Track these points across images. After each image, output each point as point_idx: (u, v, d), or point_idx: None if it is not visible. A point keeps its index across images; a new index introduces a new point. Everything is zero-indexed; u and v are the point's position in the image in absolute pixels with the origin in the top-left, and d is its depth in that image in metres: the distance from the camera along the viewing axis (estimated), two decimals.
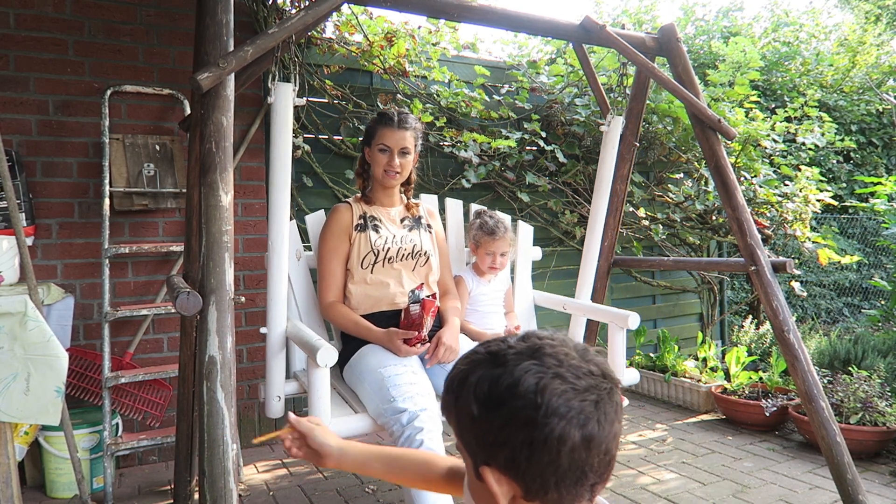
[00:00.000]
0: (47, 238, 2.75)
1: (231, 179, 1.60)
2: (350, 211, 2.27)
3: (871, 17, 10.95)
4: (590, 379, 0.74)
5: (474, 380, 0.77)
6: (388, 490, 2.62)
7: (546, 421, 0.71)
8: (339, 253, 2.23)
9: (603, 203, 2.81)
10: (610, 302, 4.14)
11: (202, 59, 1.69)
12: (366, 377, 2.03)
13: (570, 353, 0.76)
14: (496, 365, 0.76)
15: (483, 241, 2.51)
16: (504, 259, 2.53)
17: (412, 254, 2.28)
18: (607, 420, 0.74)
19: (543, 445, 0.72)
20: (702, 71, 5.00)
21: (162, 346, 2.98)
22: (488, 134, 3.69)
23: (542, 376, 0.73)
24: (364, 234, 2.23)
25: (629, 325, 2.35)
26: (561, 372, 0.74)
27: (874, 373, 3.11)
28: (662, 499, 2.51)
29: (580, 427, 0.72)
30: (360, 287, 2.22)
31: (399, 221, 2.34)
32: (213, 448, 1.41)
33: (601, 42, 2.37)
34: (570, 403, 0.72)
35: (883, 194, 4.28)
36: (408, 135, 2.23)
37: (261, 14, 3.05)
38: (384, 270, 2.22)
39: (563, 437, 0.71)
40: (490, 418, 0.75)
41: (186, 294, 1.48)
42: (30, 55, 2.71)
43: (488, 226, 2.50)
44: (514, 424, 0.73)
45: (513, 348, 0.77)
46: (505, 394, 0.74)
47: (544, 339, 0.78)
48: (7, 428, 1.90)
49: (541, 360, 0.75)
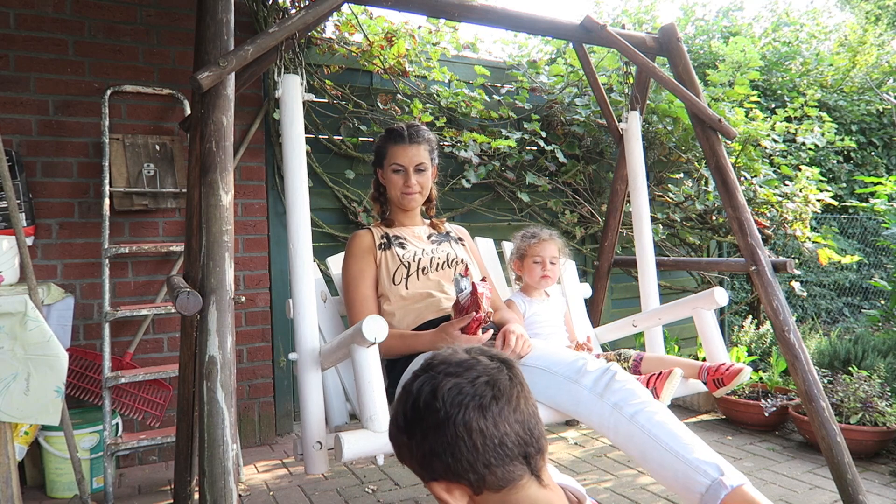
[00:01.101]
0: (47, 238, 2.75)
1: (231, 179, 1.59)
2: (370, 234, 2.07)
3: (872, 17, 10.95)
4: (479, 366, 0.84)
5: (394, 414, 0.88)
6: (388, 490, 2.62)
7: (448, 416, 0.80)
8: (367, 276, 1.99)
9: (644, 202, 2.69)
10: (610, 302, 4.14)
11: (202, 59, 1.69)
12: None
13: (459, 354, 0.86)
14: (403, 394, 0.87)
15: (528, 249, 2.31)
16: (554, 267, 2.30)
17: (447, 262, 2.04)
18: (503, 393, 0.82)
19: (456, 440, 0.80)
20: (702, 71, 5.00)
21: (162, 346, 2.98)
22: (488, 134, 3.69)
23: (434, 382, 0.83)
24: (389, 251, 2.02)
25: (717, 301, 2.17)
26: (450, 370, 0.83)
27: (874, 373, 3.11)
28: (662, 499, 2.51)
29: (478, 408, 0.80)
30: (398, 304, 1.96)
31: (426, 238, 2.12)
32: (213, 448, 1.40)
33: (602, 42, 2.37)
34: (463, 390, 0.81)
35: (883, 194, 4.28)
36: (422, 149, 2.04)
37: (261, 14, 3.05)
38: (420, 282, 1.98)
39: (468, 423, 0.80)
40: (414, 439, 0.84)
41: (186, 294, 1.48)
42: (30, 55, 2.71)
43: (530, 232, 2.34)
44: (429, 434, 0.82)
45: (416, 376, 0.87)
46: (414, 413, 0.84)
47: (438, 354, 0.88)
48: (7, 428, 1.90)
49: (431, 370, 0.85)
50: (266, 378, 3.21)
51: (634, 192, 2.73)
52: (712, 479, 1.41)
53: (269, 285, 3.21)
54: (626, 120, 2.74)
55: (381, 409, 1.54)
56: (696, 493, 1.43)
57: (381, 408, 1.54)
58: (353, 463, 2.93)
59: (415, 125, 2.09)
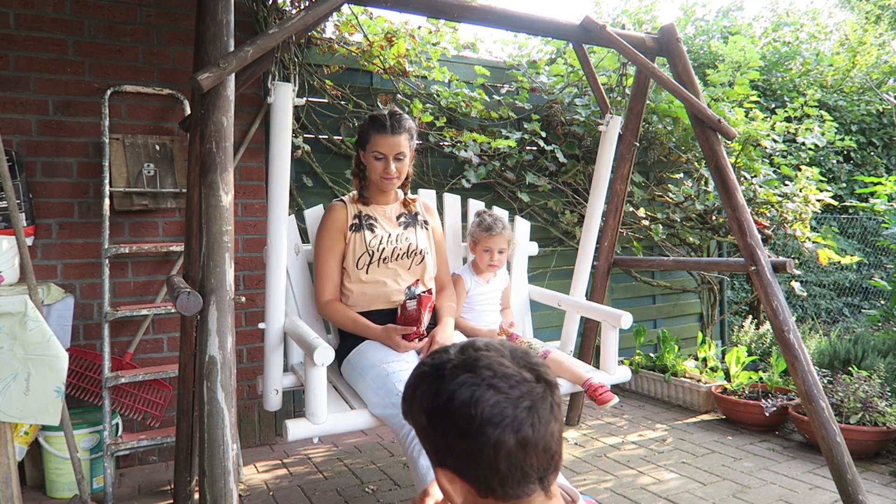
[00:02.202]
0: (47, 238, 2.75)
1: (231, 179, 1.60)
2: (345, 210, 2.27)
3: (872, 17, 10.95)
4: (523, 386, 0.79)
5: (420, 393, 0.84)
6: (388, 490, 2.62)
7: (481, 431, 0.77)
8: (335, 252, 2.24)
9: (599, 202, 2.81)
10: (609, 302, 4.14)
11: (202, 59, 1.69)
12: (367, 373, 2.03)
13: (504, 363, 0.81)
14: (436, 378, 0.82)
15: (480, 238, 2.51)
16: (502, 257, 2.53)
17: (407, 253, 2.27)
18: (542, 422, 0.79)
19: (481, 453, 0.77)
20: (702, 71, 5.00)
21: (162, 346, 2.98)
22: (488, 134, 3.69)
23: (475, 388, 0.78)
24: (359, 234, 2.23)
25: (622, 324, 2.36)
26: (494, 382, 0.78)
27: (874, 373, 3.11)
28: (662, 499, 2.51)
29: (514, 432, 0.77)
30: (357, 286, 2.23)
31: (395, 219, 2.33)
32: (213, 448, 1.40)
33: (601, 42, 2.37)
34: (504, 412, 0.77)
35: (883, 194, 4.28)
36: (402, 139, 2.18)
37: (261, 14, 3.05)
38: (379, 270, 2.23)
39: (498, 444, 0.77)
40: (434, 428, 0.81)
41: (187, 294, 1.48)
42: (30, 55, 2.71)
43: (486, 223, 2.51)
44: (454, 435, 0.79)
45: (451, 361, 0.83)
46: (443, 407, 0.80)
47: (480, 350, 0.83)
48: (7, 428, 1.90)
49: (475, 372, 0.80)
50: None
51: (595, 191, 2.82)
52: None
53: None
54: (606, 123, 2.76)
55: (321, 408, 1.87)
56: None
57: (321, 407, 1.87)
58: (352, 463, 2.93)
59: (397, 114, 2.21)
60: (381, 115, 2.20)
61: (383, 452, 3.08)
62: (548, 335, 3.17)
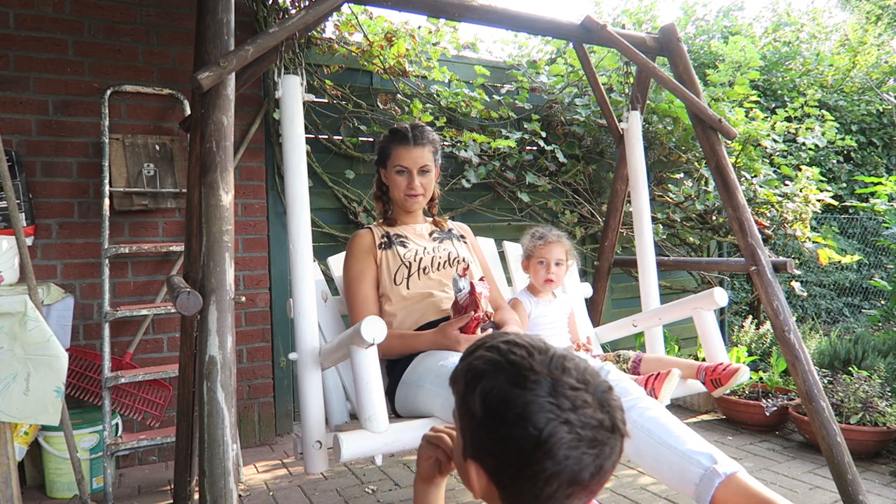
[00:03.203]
0: (47, 238, 2.75)
1: (231, 179, 1.59)
2: (371, 233, 2.07)
3: (872, 17, 10.95)
4: (599, 432, 0.75)
5: (488, 387, 0.77)
6: (388, 490, 2.62)
7: (541, 460, 0.72)
8: (367, 276, 1.99)
9: (644, 202, 2.68)
10: (610, 302, 4.14)
11: (203, 59, 1.69)
12: (425, 379, 1.74)
13: (588, 400, 0.75)
14: (514, 384, 0.75)
15: (535, 250, 2.31)
16: (559, 270, 2.30)
17: (449, 261, 2.03)
18: (601, 471, 0.75)
19: (530, 478, 0.73)
20: (702, 71, 5.00)
21: (162, 346, 2.98)
22: (488, 134, 3.69)
23: (552, 418, 0.73)
24: (390, 251, 2.01)
25: (718, 301, 2.16)
26: (571, 419, 0.73)
27: (874, 373, 3.11)
28: (662, 499, 2.51)
29: (571, 474, 0.73)
30: (400, 305, 1.96)
31: (427, 235, 2.12)
32: (213, 448, 1.40)
33: (602, 42, 2.37)
34: (570, 453, 0.73)
35: (883, 194, 4.28)
36: (426, 151, 2.02)
37: (261, 14, 3.05)
38: (421, 282, 1.98)
39: (551, 478, 0.73)
40: (490, 428, 0.76)
41: (186, 294, 1.48)
42: (30, 55, 2.71)
43: (538, 233, 2.34)
44: (511, 448, 0.74)
45: (535, 372, 0.75)
46: (513, 417, 0.74)
47: (569, 371, 0.77)
48: (7, 428, 1.90)
49: (557, 399, 0.74)
50: (266, 378, 3.21)
51: (635, 192, 2.72)
52: (706, 468, 1.41)
53: (269, 285, 3.21)
54: (626, 120, 2.73)
55: (380, 410, 1.55)
56: (691, 484, 1.42)
57: (379, 408, 1.54)
58: (352, 463, 2.93)
59: (419, 126, 2.06)
60: (402, 127, 2.04)
61: None
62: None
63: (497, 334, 0.84)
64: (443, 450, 0.96)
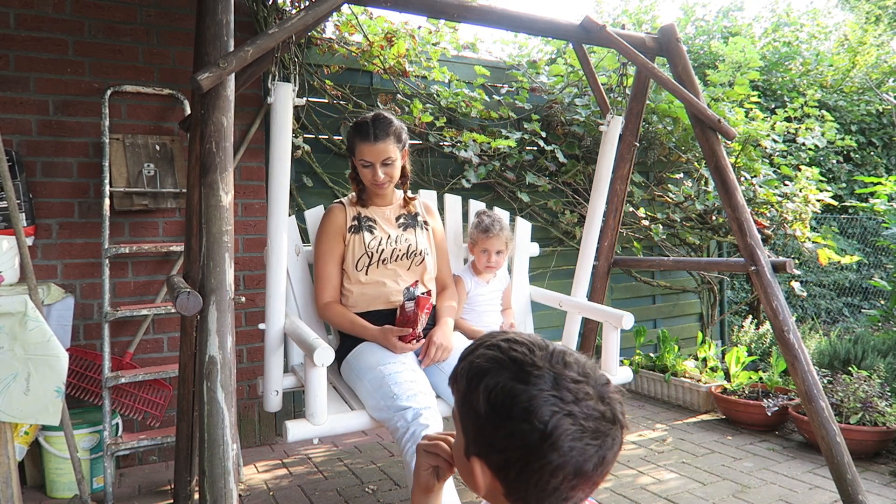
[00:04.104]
0: (47, 238, 2.75)
1: (231, 179, 1.60)
2: (344, 212, 2.27)
3: (872, 17, 10.95)
4: (601, 423, 0.77)
5: (491, 383, 0.78)
6: (388, 490, 2.62)
7: (547, 453, 0.74)
8: (335, 255, 2.24)
9: (601, 202, 2.81)
10: (610, 302, 4.14)
11: (202, 59, 1.69)
12: (364, 374, 2.03)
13: (590, 393, 0.77)
14: (517, 380, 0.77)
15: (479, 239, 2.50)
16: (500, 258, 2.52)
17: (407, 254, 2.27)
18: (604, 462, 0.77)
19: (536, 471, 0.75)
20: (702, 71, 5.00)
21: (162, 346, 2.98)
22: (488, 134, 3.69)
23: (556, 411, 0.75)
24: (358, 236, 2.23)
25: (623, 325, 2.36)
26: (575, 411, 0.75)
27: (874, 373, 3.11)
28: (662, 499, 2.51)
29: (576, 465, 0.75)
30: (356, 287, 2.23)
31: (395, 220, 2.32)
32: (213, 448, 1.41)
33: (601, 42, 2.37)
34: (575, 444, 0.75)
35: (883, 194, 4.28)
36: (388, 145, 2.14)
37: (261, 14, 3.05)
38: (378, 271, 2.23)
39: (556, 470, 0.75)
40: (495, 425, 0.77)
41: (186, 294, 1.48)
42: (30, 55, 2.71)
43: (483, 224, 2.49)
44: (516, 443, 0.75)
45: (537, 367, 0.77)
46: (518, 413, 0.75)
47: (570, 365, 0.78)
48: (7, 428, 1.90)
49: (560, 392, 0.76)
50: None
51: (595, 194, 2.80)
52: None
53: None
54: (607, 123, 2.75)
55: (321, 408, 1.88)
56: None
57: (321, 407, 1.87)
58: (352, 463, 2.93)
59: (380, 118, 2.15)
60: (364, 123, 2.15)
61: (383, 452, 3.08)
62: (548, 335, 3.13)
63: (495, 333, 0.86)
64: (442, 456, 0.96)
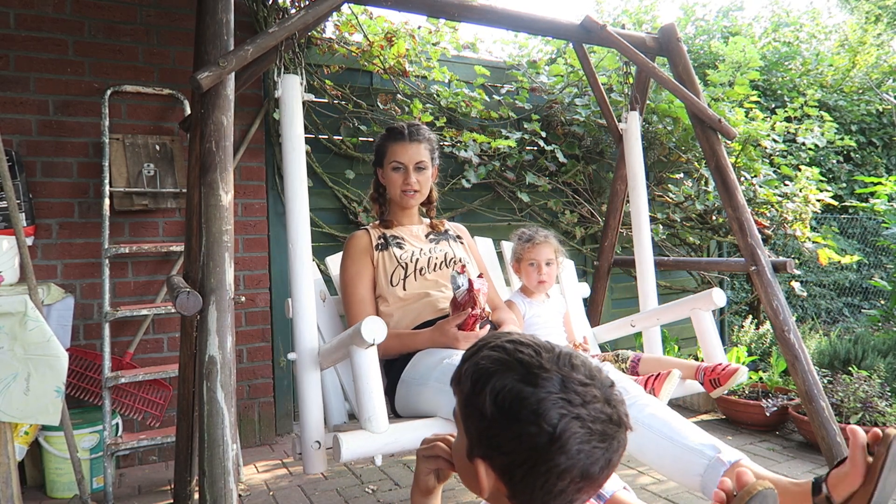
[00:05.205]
0: (47, 238, 2.75)
1: (231, 179, 1.59)
2: (367, 234, 2.08)
3: (872, 17, 10.95)
4: (608, 426, 0.77)
5: (498, 385, 0.77)
6: (388, 490, 2.62)
7: (555, 456, 0.74)
8: (364, 277, 2.00)
9: (643, 202, 2.69)
10: (610, 302, 4.14)
11: (202, 59, 1.69)
12: (428, 376, 1.72)
13: (597, 395, 0.77)
14: (525, 382, 0.76)
15: (524, 253, 2.30)
16: (550, 270, 2.29)
17: (445, 262, 2.03)
18: (609, 464, 0.77)
19: (543, 474, 0.75)
20: (702, 71, 5.00)
21: (162, 346, 2.98)
22: (488, 134, 3.69)
23: (564, 414, 0.74)
24: (387, 252, 2.02)
25: (716, 302, 2.17)
26: (582, 414, 0.75)
27: (874, 373, 3.11)
28: (662, 499, 2.51)
29: (583, 468, 0.75)
30: (396, 305, 1.96)
31: (424, 237, 2.13)
32: (213, 448, 1.40)
33: (601, 42, 2.37)
34: (583, 447, 0.75)
35: (883, 194, 4.28)
36: (422, 148, 2.04)
37: (261, 14, 3.05)
38: (417, 283, 1.98)
39: (564, 473, 0.74)
40: (502, 427, 0.76)
41: (186, 294, 1.48)
42: (30, 55, 2.71)
43: (526, 235, 2.33)
44: (524, 446, 0.75)
45: (545, 370, 0.77)
46: (526, 415, 0.75)
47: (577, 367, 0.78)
48: (7, 428, 1.90)
49: (568, 395, 0.76)
50: (266, 378, 3.21)
51: (634, 193, 2.72)
52: (710, 458, 1.42)
53: (269, 285, 3.21)
54: (625, 120, 2.73)
55: (380, 410, 1.54)
56: (695, 476, 1.44)
57: (379, 409, 1.54)
58: (352, 463, 2.93)
59: (415, 124, 2.09)
60: (399, 125, 2.07)
61: None
62: None
63: (498, 334, 0.84)
64: (442, 457, 0.96)
